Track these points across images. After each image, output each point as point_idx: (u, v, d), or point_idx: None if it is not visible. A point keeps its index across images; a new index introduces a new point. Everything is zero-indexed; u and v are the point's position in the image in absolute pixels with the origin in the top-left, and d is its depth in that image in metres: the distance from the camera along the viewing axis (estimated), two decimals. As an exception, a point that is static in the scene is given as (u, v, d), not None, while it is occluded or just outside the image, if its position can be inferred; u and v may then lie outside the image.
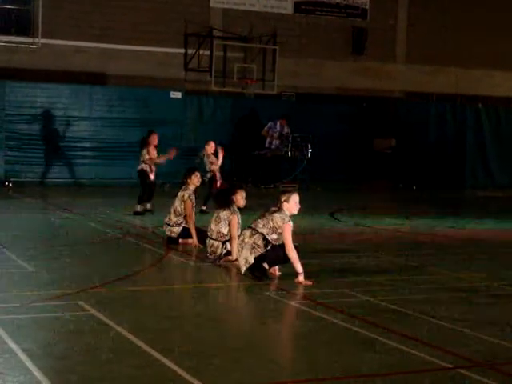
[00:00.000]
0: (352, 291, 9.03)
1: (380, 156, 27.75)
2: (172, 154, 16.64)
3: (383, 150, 27.68)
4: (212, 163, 16.93)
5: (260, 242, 9.48)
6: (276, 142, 24.84)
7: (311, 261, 10.27)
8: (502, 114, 28.15)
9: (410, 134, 26.86)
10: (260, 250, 9.46)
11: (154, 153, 16.20)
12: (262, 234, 9.48)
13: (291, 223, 9.50)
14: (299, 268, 9.33)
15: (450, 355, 6.51)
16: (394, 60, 30.79)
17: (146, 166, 16.24)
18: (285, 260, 9.49)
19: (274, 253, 9.46)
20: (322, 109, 26.93)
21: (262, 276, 9.49)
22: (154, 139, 16.34)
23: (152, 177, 16.34)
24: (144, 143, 16.36)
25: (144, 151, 16.24)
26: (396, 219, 16.97)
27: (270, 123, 24.70)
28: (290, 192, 9.79)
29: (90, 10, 26.22)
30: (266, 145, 24.83)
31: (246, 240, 9.57)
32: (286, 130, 24.79)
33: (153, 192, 16.40)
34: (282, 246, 9.44)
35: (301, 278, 9.30)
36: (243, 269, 9.60)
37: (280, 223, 9.44)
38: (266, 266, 9.52)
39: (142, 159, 16.30)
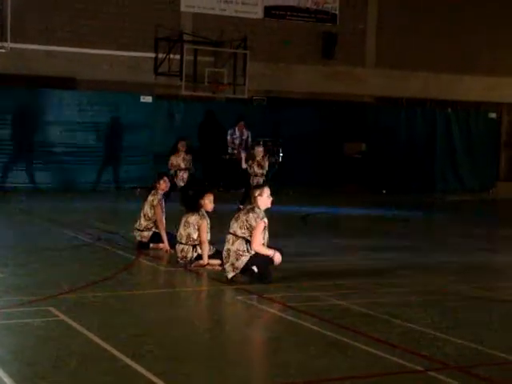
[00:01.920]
0: (323, 295, 9.04)
1: (350, 160, 27.83)
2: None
3: (353, 155, 27.77)
4: (260, 166, 17.44)
5: (243, 247, 9.54)
6: (237, 149, 24.66)
7: (282, 265, 10.27)
8: (471, 118, 28.39)
9: (380, 138, 26.95)
10: (247, 254, 9.52)
11: (175, 159, 16.67)
12: (244, 237, 9.53)
13: (265, 220, 9.58)
14: (270, 252, 9.55)
15: (420, 358, 6.54)
16: (363, 64, 30.89)
17: (172, 172, 16.70)
18: (273, 261, 9.61)
19: (261, 255, 9.56)
20: (293, 113, 26.97)
21: (252, 279, 9.55)
22: (182, 146, 16.87)
23: (179, 182, 16.68)
24: (173, 150, 16.96)
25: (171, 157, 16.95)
26: (365, 223, 17.05)
27: (229, 130, 24.44)
28: (262, 186, 9.86)
29: (59, 15, 26.04)
30: (229, 151, 24.58)
31: (230, 247, 9.61)
32: (245, 134, 24.42)
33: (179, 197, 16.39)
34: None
35: (276, 256, 9.51)
36: (231, 275, 9.62)
37: (254, 223, 9.51)
38: (254, 268, 9.55)
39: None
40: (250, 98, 27.69)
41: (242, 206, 16.47)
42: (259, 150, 18.10)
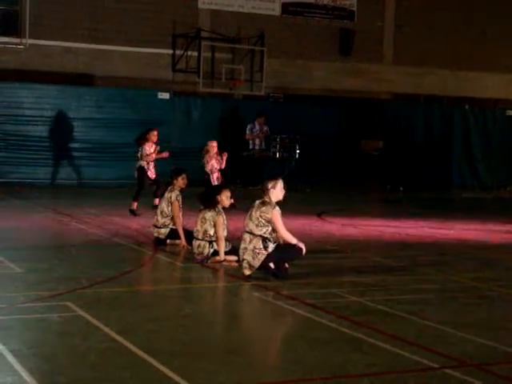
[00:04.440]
0: (340, 292, 9.04)
1: (367, 157, 27.77)
2: (164, 155, 16.68)
3: (370, 152, 27.70)
4: (211, 164, 17.15)
5: (260, 245, 9.56)
6: (258, 142, 24.77)
7: (299, 261, 10.27)
8: (488, 115, 28.26)
9: (397, 135, 26.88)
10: (264, 252, 9.55)
11: (149, 150, 16.29)
12: (260, 236, 9.56)
13: (278, 208, 9.61)
14: (295, 240, 9.64)
15: (437, 355, 6.53)
16: (381, 61, 30.83)
17: (143, 163, 16.31)
18: (290, 257, 9.73)
19: (278, 252, 9.61)
20: (310, 110, 26.94)
21: (269, 276, 9.60)
22: (154, 136, 16.48)
23: (151, 174, 16.37)
24: (142, 140, 16.46)
25: (141, 148, 16.34)
26: (383, 220, 17.01)
27: (249, 125, 24.59)
28: (276, 179, 9.86)
29: (77, 11, 26.15)
30: (250, 146, 24.72)
31: (246, 246, 9.64)
32: (264, 128, 24.68)
33: (158, 188, 16.03)
34: (285, 246, 9.68)
35: (300, 244, 9.60)
36: (247, 272, 9.65)
37: (269, 215, 9.55)
38: (271, 265, 9.58)
39: (139, 156, 16.37)
40: (267, 95, 27.71)
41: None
42: (213, 146, 17.57)
